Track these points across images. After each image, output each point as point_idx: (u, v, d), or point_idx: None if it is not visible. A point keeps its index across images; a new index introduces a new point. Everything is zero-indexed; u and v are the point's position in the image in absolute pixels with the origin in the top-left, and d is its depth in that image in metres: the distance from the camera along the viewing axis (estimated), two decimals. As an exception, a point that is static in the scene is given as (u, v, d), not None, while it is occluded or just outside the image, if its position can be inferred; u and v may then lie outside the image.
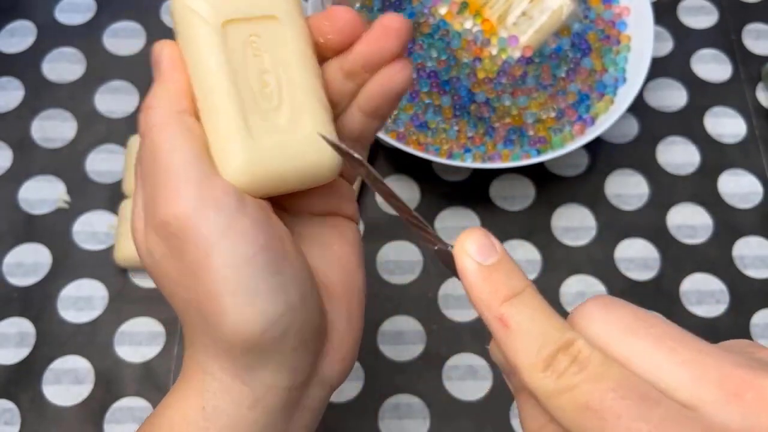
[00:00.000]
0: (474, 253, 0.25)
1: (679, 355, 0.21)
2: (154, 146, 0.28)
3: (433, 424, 0.53)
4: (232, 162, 0.28)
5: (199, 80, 0.29)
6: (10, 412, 0.53)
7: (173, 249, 0.28)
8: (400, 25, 0.30)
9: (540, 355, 0.22)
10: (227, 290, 0.27)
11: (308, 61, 0.30)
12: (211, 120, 0.29)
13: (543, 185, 0.61)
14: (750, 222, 0.60)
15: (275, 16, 0.30)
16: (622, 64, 0.61)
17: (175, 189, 0.27)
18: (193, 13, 0.29)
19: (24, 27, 0.67)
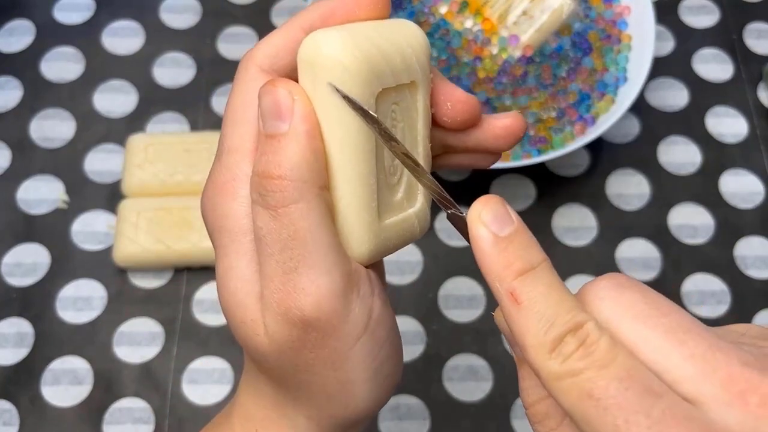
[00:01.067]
0: (489, 221, 0.23)
1: (689, 348, 0.21)
2: (296, 228, 0.25)
3: (433, 424, 0.53)
4: (360, 246, 0.27)
5: (339, 154, 0.25)
6: (8, 412, 0.53)
7: (310, 340, 0.26)
8: (522, 131, 0.29)
9: (548, 336, 0.21)
10: (365, 378, 0.27)
11: (427, 127, 0.28)
12: (346, 199, 0.26)
13: (544, 185, 0.61)
14: (751, 222, 0.60)
15: (416, 82, 0.27)
16: (623, 64, 0.61)
17: (320, 281, 0.25)
18: (348, 74, 0.24)
19: (23, 26, 0.66)
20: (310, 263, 0.25)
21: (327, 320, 0.25)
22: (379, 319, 0.27)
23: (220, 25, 0.67)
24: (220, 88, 0.64)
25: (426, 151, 0.28)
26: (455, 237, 0.59)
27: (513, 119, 0.29)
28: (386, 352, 0.27)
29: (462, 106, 0.28)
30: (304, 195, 0.25)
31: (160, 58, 0.66)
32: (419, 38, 0.27)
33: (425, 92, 0.27)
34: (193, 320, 0.56)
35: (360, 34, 0.25)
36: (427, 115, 0.28)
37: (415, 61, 0.26)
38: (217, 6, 0.68)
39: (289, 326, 0.25)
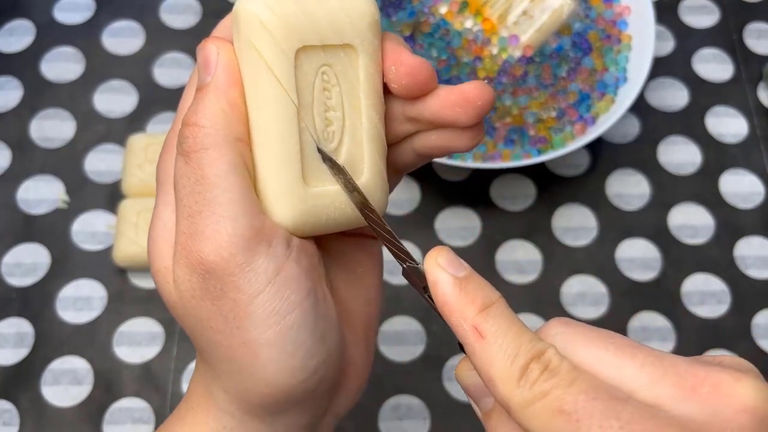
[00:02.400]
0: (446, 265, 0.25)
1: (639, 360, 0.23)
2: (203, 172, 0.25)
3: (433, 424, 0.53)
4: (281, 208, 0.26)
5: (257, 109, 0.26)
6: (8, 412, 0.53)
7: (210, 290, 0.25)
8: (484, 102, 0.27)
9: (515, 366, 0.23)
10: (269, 341, 0.25)
11: (376, 97, 0.27)
12: (265, 158, 0.26)
13: (544, 185, 0.61)
14: (751, 222, 0.60)
15: (353, 46, 0.27)
16: (623, 64, 0.61)
17: (222, 228, 0.25)
18: (264, 30, 0.25)
19: (23, 26, 0.66)
20: (214, 208, 0.25)
21: (225, 267, 0.25)
22: (288, 280, 0.25)
23: (220, 25, 0.67)
24: (220, 88, 0.64)
25: (372, 124, 0.27)
26: (455, 237, 0.59)
27: (471, 86, 0.27)
28: (297, 320, 0.25)
29: (405, 69, 0.27)
30: (215, 142, 0.25)
31: (160, 58, 0.66)
32: (362, 4, 0.27)
33: (369, 58, 0.27)
34: (193, 320, 0.56)
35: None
36: (371, 84, 0.27)
37: (349, 25, 0.26)
38: (217, 6, 0.68)
39: (190, 272, 0.25)
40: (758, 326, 0.57)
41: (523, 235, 0.59)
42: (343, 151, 0.27)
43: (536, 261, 0.58)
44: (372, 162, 0.28)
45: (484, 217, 0.60)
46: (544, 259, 0.58)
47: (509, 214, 0.60)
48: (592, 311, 0.57)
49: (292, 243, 0.26)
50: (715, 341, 0.56)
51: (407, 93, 0.27)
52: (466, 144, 0.29)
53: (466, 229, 0.59)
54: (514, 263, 0.58)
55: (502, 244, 0.59)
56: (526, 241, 0.59)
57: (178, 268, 0.26)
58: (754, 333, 0.56)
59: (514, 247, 0.59)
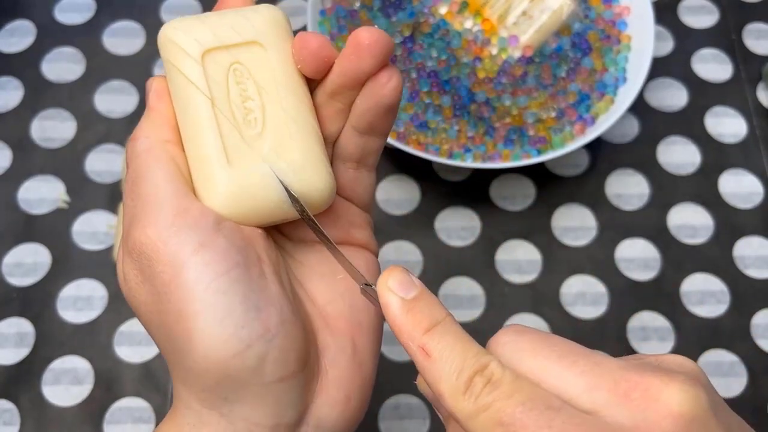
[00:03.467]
0: (396, 288, 0.26)
1: (579, 367, 0.23)
2: (137, 174, 0.28)
3: (433, 424, 0.53)
4: (212, 191, 0.28)
5: (181, 112, 0.29)
6: (9, 412, 0.53)
7: (144, 271, 0.27)
8: (372, 40, 0.28)
9: (460, 380, 0.24)
10: (196, 309, 0.26)
11: (296, 86, 0.30)
12: (193, 150, 0.29)
13: (543, 185, 0.61)
14: (751, 222, 0.60)
15: (258, 42, 0.30)
16: (622, 64, 0.61)
17: (150, 212, 0.27)
18: (174, 45, 0.29)
19: (23, 26, 0.67)
20: (145, 200, 0.27)
21: (152, 245, 0.26)
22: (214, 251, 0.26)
23: (220, 26, 0.67)
24: (220, 88, 0.64)
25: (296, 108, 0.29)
26: (455, 237, 0.59)
27: (358, 30, 0.28)
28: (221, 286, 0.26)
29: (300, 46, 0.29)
30: (146, 147, 0.29)
31: (160, 59, 0.66)
32: (264, 10, 0.30)
33: (278, 52, 0.30)
34: (193, 320, 0.56)
35: (194, 17, 0.30)
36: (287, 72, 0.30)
37: (250, 26, 0.30)
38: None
39: (129, 260, 0.28)
40: (757, 326, 0.57)
41: (522, 235, 0.59)
42: (268, 135, 0.29)
43: (536, 261, 0.58)
44: (302, 142, 0.29)
45: (484, 217, 0.60)
46: (544, 259, 0.59)
47: (509, 214, 0.60)
48: (591, 311, 0.57)
49: (223, 223, 0.28)
50: (715, 341, 0.56)
51: (310, 68, 0.29)
52: (385, 91, 0.29)
53: (466, 229, 0.60)
54: (513, 263, 0.58)
55: (502, 244, 0.59)
56: (525, 241, 0.59)
57: (123, 263, 0.28)
58: (753, 333, 0.56)
59: (513, 247, 0.59)
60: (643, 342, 0.56)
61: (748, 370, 0.55)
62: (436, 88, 0.60)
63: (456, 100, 0.59)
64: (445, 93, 0.60)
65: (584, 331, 0.56)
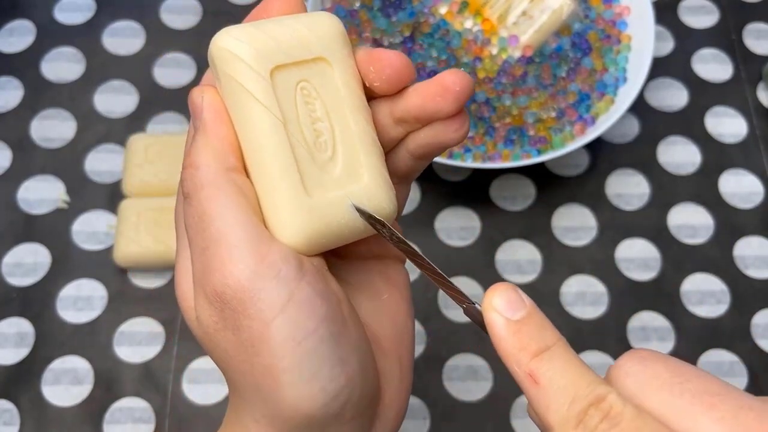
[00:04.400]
0: (502, 308, 0.24)
1: (718, 411, 0.20)
2: (203, 209, 0.26)
3: (433, 424, 0.53)
4: (288, 224, 0.26)
5: (247, 134, 0.27)
6: (9, 412, 0.53)
7: (227, 321, 0.26)
8: (462, 87, 0.27)
9: (571, 411, 0.22)
10: (287, 367, 0.25)
11: (360, 104, 0.28)
12: (264, 178, 0.26)
13: (543, 185, 0.61)
14: (751, 222, 0.60)
15: (324, 58, 0.28)
16: (622, 64, 0.61)
17: (229, 256, 0.25)
18: (237, 60, 0.26)
19: (23, 26, 0.67)
20: (218, 241, 0.25)
21: (234, 296, 0.25)
22: (301, 304, 0.25)
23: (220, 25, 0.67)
24: (220, 88, 0.64)
25: (360, 127, 0.28)
26: (455, 237, 0.59)
27: (448, 73, 0.27)
28: (313, 344, 0.25)
29: (383, 63, 0.28)
30: (210, 179, 0.26)
31: (160, 59, 0.66)
32: (325, 20, 0.28)
33: (343, 67, 0.28)
34: (193, 320, 0.56)
35: (251, 25, 0.27)
36: (352, 88, 0.28)
37: (315, 39, 0.27)
38: (217, 6, 0.68)
39: (207, 305, 0.26)
40: (758, 326, 0.57)
41: (522, 235, 0.59)
42: (339, 158, 0.28)
43: (536, 261, 0.58)
44: (369, 163, 0.28)
45: (484, 217, 0.60)
46: (544, 259, 0.59)
47: (509, 214, 0.60)
48: (591, 311, 0.57)
49: (304, 266, 0.26)
50: (715, 341, 0.56)
51: (390, 87, 0.28)
52: (453, 136, 0.29)
53: (466, 229, 0.60)
54: (513, 263, 0.58)
55: (502, 244, 0.59)
56: (525, 241, 0.59)
57: (197, 305, 0.27)
58: (753, 333, 0.56)
59: (513, 247, 0.59)
60: (643, 342, 0.56)
61: (749, 370, 0.55)
62: (436, 88, 0.60)
63: (456, 100, 0.59)
64: (445, 93, 0.59)
65: (584, 331, 0.56)
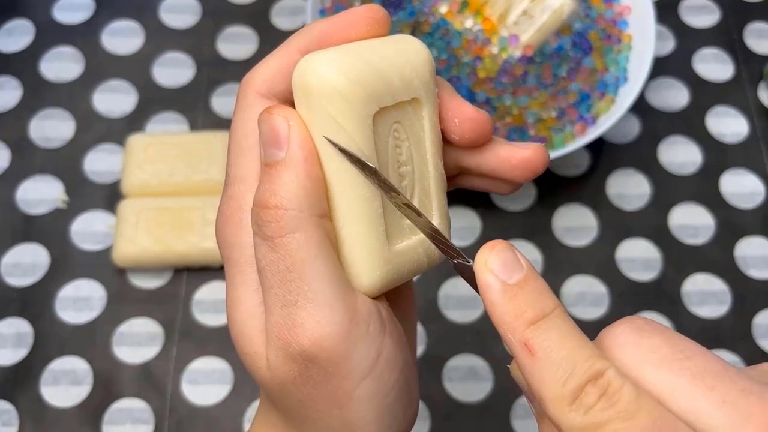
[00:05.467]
0: (497, 269, 0.23)
1: (719, 395, 0.19)
2: (293, 260, 0.24)
3: (433, 424, 0.53)
4: (369, 274, 0.25)
5: (337, 178, 0.25)
6: (8, 413, 0.53)
7: (312, 377, 0.24)
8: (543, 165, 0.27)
9: (567, 387, 0.20)
10: (370, 420, 0.25)
11: (438, 145, 0.27)
12: (352, 227, 0.25)
13: (544, 185, 0.61)
14: (752, 222, 0.60)
15: (418, 98, 0.26)
16: (623, 64, 0.61)
17: (320, 316, 0.24)
18: (344, 101, 0.24)
19: (22, 26, 0.66)
20: (310, 297, 0.24)
21: (328, 357, 0.24)
22: (388, 359, 0.25)
23: (220, 25, 0.67)
24: (219, 88, 0.64)
25: (438, 170, 0.27)
26: (455, 237, 0.59)
27: (534, 152, 0.27)
28: (395, 394, 0.25)
29: (470, 124, 0.27)
30: (301, 224, 0.24)
31: (159, 58, 0.66)
32: (421, 54, 0.26)
33: (431, 109, 0.26)
34: (192, 320, 0.56)
35: (355, 55, 0.24)
36: (435, 131, 0.27)
37: (416, 78, 0.26)
38: (217, 6, 0.68)
39: (289, 361, 0.24)
40: (759, 326, 0.57)
41: (523, 235, 0.59)
42: (415, 202, 0.27)
43: (536, 261, 0.58)
44: (439, 205, 0.27)
45: (484, 217, 0.60)
46: (545, 259, 0.58)
47: (510, 214, 0.60)
48: (592, 311, 0.57)
49: (383, 317, 0.25)
50: (716, 342, 0.56)
51: (470, 145, 0.27)
52: (508, 191, 0.28)
53: (466, 229, 0.59)
54: (514, 263, 0.58)
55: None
56: (526, 241, 0.59)
57: (274, 357, 0.25)
58: (754, 333, 0.56)
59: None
60: (644, 342, 0.56)
61: (750, 371, 0.55)
62: (436, 87, 0.59)
63: (456, 99, 0.59)
64: (445, 93, 0.59)
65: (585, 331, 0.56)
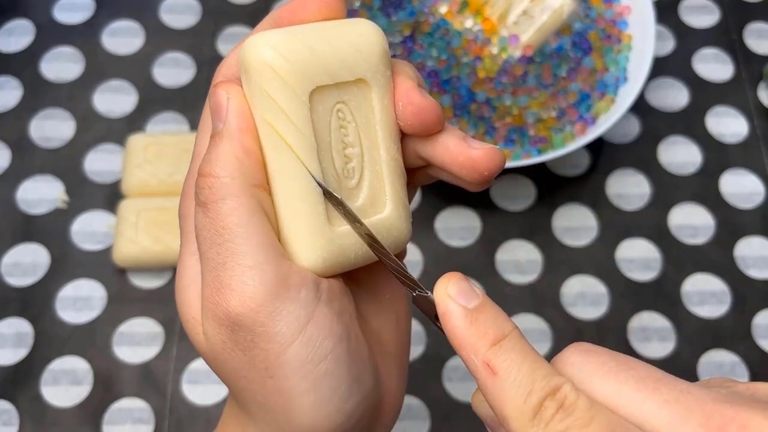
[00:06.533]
0: (456, 296, 0.24)
1: (662, 395, 0.21)
2: (223, 223, 0.25)
3: (433, 424, 0.53)
4: (308, 251, 0.25)
5: (275, 154, 0.25)
6: (8, 413, 0.53)
7: (240, 342, 0.25)
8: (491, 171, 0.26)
9: (528, 404, 0.22)
10: (303, 389, 0.25)
11: (393, 130, 0.27)
12: (288, 202, 0.25)
13: (544, 185, 0.61)
14: (752, 222, 0.60)
15: (365, 80, 0.26)
16: (623, 64, 0.61)
17: (248, 280, 0.24)
18: (276, 76, 0.25)
19: (22, 26, 0.66)
20: (238, 259, 0.24)
21: (253, 319, 0.24)
22: (320, 326, 0.25)
23: (220, 25, 0.67)
24: (219, 88, 0.64)
25: (390, 155, 0.27)
26: (455, 237, 0.59)
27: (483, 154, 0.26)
28: (330, 366, 0.25)
29: (412, 109, 0.27)
30: (232, 191, 0.25)
31: (159, 58, 0.66)
32: (369, 36, 0.26)
33: (382, 90, 0.26)
34: (192, 320, 0.56)
35: (295, 35, 0.25)
36: (388, 115, 0.27)
37: (361, 59, 0.26)
38: (217, 6, 0.68)
39: (218, 324, 0.25)
40: (758, 326, 0.57)
41: (523, 235, 0.59)
42: (364, 185, 0.27)
43: (536, 261, 0.58)
44: (393, 192, 0.27)
45: (484, 217, 0.60)
46: (544, 259, 0.58)
47: (509, 214, 0.60)
48: (592, 311, 0.57)
49: (321, 287, 0.25)
50: (716, 341, 0.56)
51: (412, 132, 0.27)
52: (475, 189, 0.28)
53: (466, 229, 0.59)
54: (514, 263, 0.58)
55: (502, 244, 0.59)
56: (526, 241, 0.59)
57: (206, 322, 0.25)
58: (754, 333, 0.56)
59: (514, 247, 0.59)
60: (643, 342, 0.56)
61: (750, 371, 0.55)
62: (436, 87, 0.59)
63: (456, 99, 0.59)
64: (445, 93, 0.59)
65: (585, 331, 0.56)
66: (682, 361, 0.55)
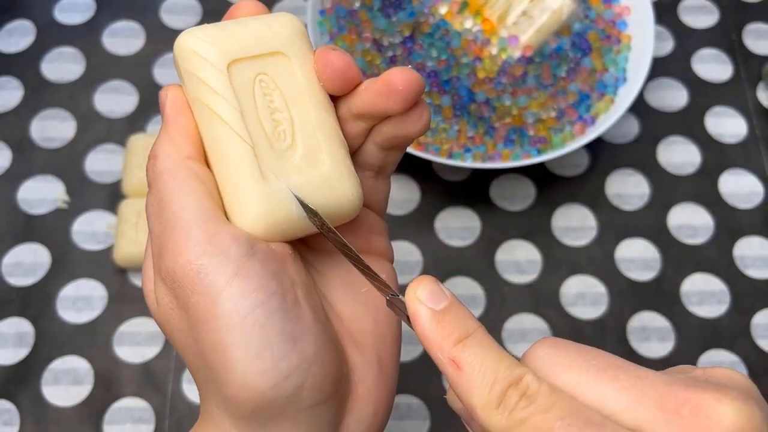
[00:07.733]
0: (425, 299, 0.25)
1: (620, 382, 0.22)
2: (161, 195, 0.27)
3: (433, 424, 0.53)
4: (246, 210, 0.27)
5: (206, 125, 0.28)
6: (8, 412, 0.53)
7: (179, 299, 0.26)
8: (406, 86, 0.28)
9: (492, 393, 0.23)
10: (234, 341, 0.25)
11: (320, 96, 0.29)
12: (222, 166, 0.28)
13: (543, 185, 0.61)
14: (751, 222, 0.60)
15: (282, 52, 0.29)
16: (622, 64, 0.61)
17: (181, 237, 0.26)
18: (196, 55, 0.28)
19: (23, 26, 0.67)
20: (174, 223, 0.27)
21: (185, 273, 0.26)
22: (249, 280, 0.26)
23: (220, 26, 0.67)
24: (220, 88, 0.64)
25: (321, 117, 0.29)
26: (455, 237, 0.59)
27: (393, 72, 0.28)
28: (260, 319, 0.25)
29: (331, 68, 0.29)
30: (167, 166, 0.27)
31: (160, 59, 0.66)
32: (283, 18, 0.30)
33: (302, 61, 0.29)
34: (193, 320, 0.56)
35: (215, 25, 0.29)
36: (313, 81, 0.29)
37: (275, 36, 0.29)
38: (217, 6, 0.68)
39: (162, 286, 0.27)
40: (758, 326, 0.57)
41: (522, 235, 0.59)
42: (299, 146, 0.29)
43: (536, 261, 0.58)
44: (331, 151, 0.29)
45: (484, 217, 0.60)
46: (544, 259, 0.59)
47: (509, 214, 0.60)
48: (591, 311, 0.57)
49: (257, 247, 0.27)
50: (715, 341, 0.56)
51: (334, 87, 0.29)
52: (413, 128, 0.30)
53: (466, 229, 0.60)
54: (513, 263, 0.58)
55: (502, 244, 0.59)
56: (525, 241, 0.59)
57: (156, 288, 0.28)
58: (753, 333, 0.56)
59: (513, 247, 0.59)
60: (643, 342, 0.56)
61: (749, 371, 0.55)
62: (436, 88, 0.60)
63: (456, 100, 0.59)
64: (445, 93, 0.59)
65: (584, 331, 0.56)
66: (682, 360, 0.55)
